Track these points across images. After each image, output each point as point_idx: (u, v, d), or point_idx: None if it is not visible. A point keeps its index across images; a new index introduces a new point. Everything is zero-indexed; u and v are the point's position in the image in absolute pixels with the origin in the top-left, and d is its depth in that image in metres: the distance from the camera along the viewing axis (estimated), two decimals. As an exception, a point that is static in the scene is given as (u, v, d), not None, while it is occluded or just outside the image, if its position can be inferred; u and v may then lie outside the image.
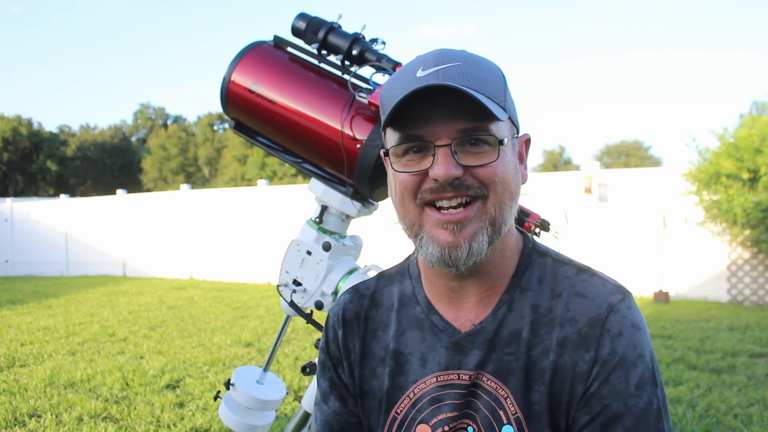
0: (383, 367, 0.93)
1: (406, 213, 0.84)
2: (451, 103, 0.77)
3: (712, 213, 7.76)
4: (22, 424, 3.44)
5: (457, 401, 0.86)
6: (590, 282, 0.86)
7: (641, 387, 0.79)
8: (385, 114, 0.82)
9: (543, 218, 1.57)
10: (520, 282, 0.88)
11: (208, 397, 3.89)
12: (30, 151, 36.76)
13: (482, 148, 0.79)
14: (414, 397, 0.89)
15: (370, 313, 0.97)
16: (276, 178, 31.36)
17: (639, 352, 0.81)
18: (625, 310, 0.83)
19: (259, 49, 1.75)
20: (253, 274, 11.86)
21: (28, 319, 7.28)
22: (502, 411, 0.83)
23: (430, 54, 0.83)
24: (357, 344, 0.96)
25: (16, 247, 15.25)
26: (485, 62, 0.84)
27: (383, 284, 1.00)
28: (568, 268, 0.89)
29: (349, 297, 1.01)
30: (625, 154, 44.71)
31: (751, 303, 7.93)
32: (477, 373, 0.85)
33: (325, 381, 1.01)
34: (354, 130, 1.59)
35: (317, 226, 1.74)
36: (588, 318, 0.83)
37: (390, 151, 0.83)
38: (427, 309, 0.92)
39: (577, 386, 0.81)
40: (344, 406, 0.98)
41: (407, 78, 0.81)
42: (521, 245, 0.92)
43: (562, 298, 0.86)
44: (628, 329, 0.81)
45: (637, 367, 0.80)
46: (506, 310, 0.87)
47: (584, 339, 0.82)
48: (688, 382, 4.07)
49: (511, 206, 0.83)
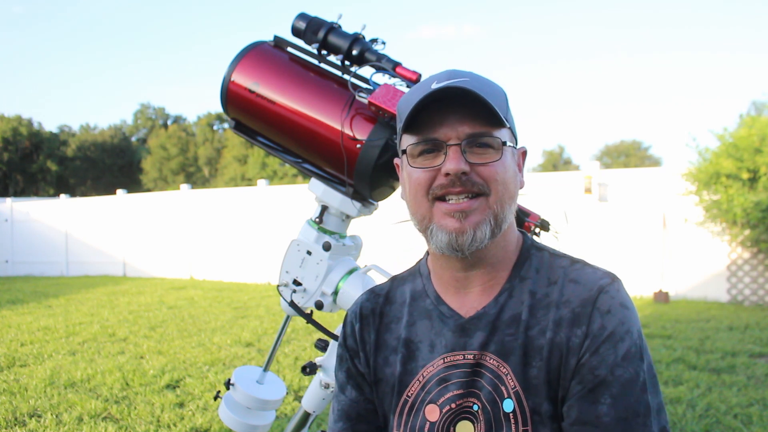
0: (395, 355, 1.01)
1: (418, 207, 0.94)
2: (461, 109, 0.90)
3: (712, 213, 7.76)
4: (23, 424, 3.44)
5: (462, 379, 0.93)
6: (583, 270, 0.96)
7: (628, 359, 0.86)
8: (402, 121, 0.94)
9: (543, 218, 1.57)
10: (520, 272, 0.98)
11: (208, 397, 3.89)
12: (30, 151, 36.75)
13: (487, 151, 0.91)
14: (423, 380, 0.97)
15: (385, 309, 1.07)
16: (276, 178, 31.36)
17: (627, 328, 0.88)
18: (614, 292, 0.91)
19: (259, 49, 1.75)
20: (253, 274, 11.86)
21: (28, 319, 7.28)
22: (503, 386, 0.91)
23: (443, 72, 0.95)
24: (372, 335, 1.05)
25: (16, 247, 15.26)
26: (491, 81, 0.96)
27: (397, 285, 1.10)
28: (562, 260, 0.99)
29: (366, 297, 1.11)
30: (624, 154, 44.70)
31: (751, 303, 7.94)
32: (481, 353, 0.93)
33: (342, 373, 1.08)
34: (354, 130, 1.59)
35: (317, 226, 1.74)
36: (580, 299, 0.91)
37: (407, 151, 0.94)
38: (436, 300, 1.01)
39: (570, 359, 0.89)
40: (361, 394, 1.05)
41: (422, 89, 0.91)
42: (521, 242, 1.03)
43: (557, 284, 0.95)
44: (617, 308, 0.89)
45: (624, 341, 0.87)
46: (507, 297, 0.96)
47: (577, 317, 0.90)
48: (688, 382, 4.07)
49: (510, 205, 0.94)
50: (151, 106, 48.34)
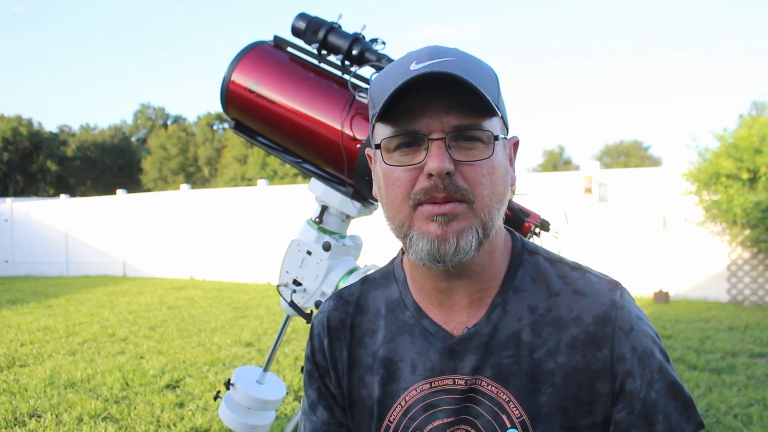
0: (372, 376, 0.90)
1: (397, 213, 0.81)
2: (446, 97, 0.76)
3: (712, 213, 7.76)
4: (22, 424, 3.44)
5: (453, 406, 0.84)
6: (585, 279, 0.87)
7: (662, 370, 0.83)
8: (375, 108, 0.80)
9: (543, 218, 1.57)
10: (513, 282, 0.87)
11: (208, 397, 3.89)
12: (30, 151, 36.72)
13: (475, 145, 0.77)
14: (406, 404, 0.87)
15: (356, 320, 0.94)
16: (276, 178, 31.34)
17: (651, 339, 0.84)
18: (628, 305, 0.85)
19: (259, 49, 1.75)
20: (253, 274, 11.86)
21: (28, 319, 7.28)
22: (505, 415, 0.82)
23: (424, 49, 0.80)
24: (344, 353, 0.93)
25: (16, 247, 15.25)
26: (479, 60, 0.82)
27: (368, 289, 0.97)
28: (560, 266, 0.89)
29: (333, 304, 0.98)
30: (624, 154, 44.69)
31: (751, 303, 7.93)
32: (474, 378, 0.83)
33: (313, 391, 0.99)
34: (354, 130, 1.59)
35: (317, 226, 1.74)
36: (593, 316, 0.83)
37: (382, 145, 0.80)
38: (417, 313, 0.89)
39: (597, 383, 0.81)
40: (332, 416, 0.96)
41: (400, 71, 0.78)
42: (510, 245, 0.91)
43: (561, 297, 0.85)
44: (636, 322, 0.84)
45: (654, 354, 0.83)
46: (501, 312, 0.85)
47: (593, 337, 0.82)
48: (688, 382, 4.07)
49: (499, 209, 0.81)
50: (151, 106, 48.34)
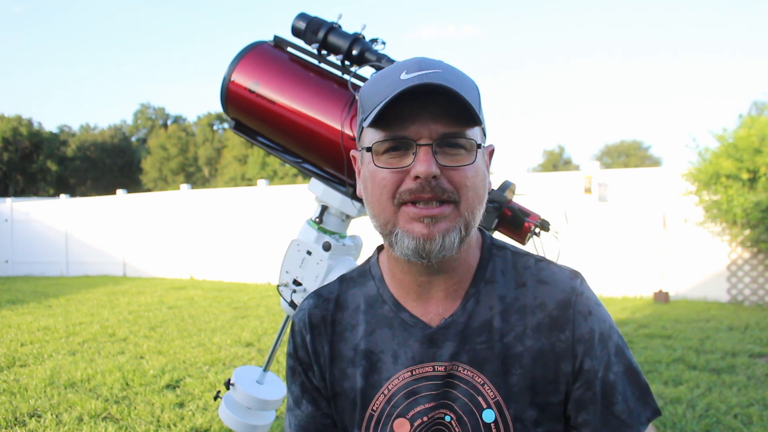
0: (354, 368, 0.96)
1: (382, 211, 0.87)
2: (433, 106, 0.82)
3: (711, 213, 7.76)
4: (22, 424, 3.44)
5: (433, 392, 0.90)
6: (549, 269, 0.95)
7: (619, 353, 0.92)
8: (365, 113, 0.86)
9: (543, 218, 1.57)
10: (485, 275, 0.94)
11: (208, 397, 3.89)
12: (30, 151, 36.73)
13: (459, 152, 0.84)
14: (389, 393, 0.93)
15: (336, 316, 0.99)
16: (276, 178, 31.34)
17: (609, 324, 0.93)
18: (587, 292, 0.93)
19: (259, 49, 1.75)
20: (253, 274, 11.86)
21: (28, 319, 7.28)
22: (480, 397, 0.89)
23: (412, 60, 0.87)
24: (326, 347, 0.98)
25: (16, 247, 15.26)
26: (462, 73, 0.89)
27: (346, 287, 1.02)
28: (526, 259, 0.97)
29: (313, 302, 1.02)
30: (624, 154, 44.70)
31: (751, 303, 7.94)
32: (452, 364, 0.90)
33: (296, 386, 1.02)
34: (354, 130, 1.59)
35: (317, 226, 1.74)
36: (556, 302, 0.91)
37: (372, 148, 0.86)
38: (395, 307, 0.95)
39: (561, 363, 0.89)
40: (317, 409, 1.01)
41: (391, 80, 0.84)
42: (480, 241, 0.99)
43: (527, 286, 0.93)
44: (594, 308, 0.92)
45: (611, 338, 0.92)
46: (474, 303, 0.93)
47: (556, 321, 0.90)
48: (688, 382, 4.07)
49: (479, 210, 0.89)
50: (151, 106, 48.34)
